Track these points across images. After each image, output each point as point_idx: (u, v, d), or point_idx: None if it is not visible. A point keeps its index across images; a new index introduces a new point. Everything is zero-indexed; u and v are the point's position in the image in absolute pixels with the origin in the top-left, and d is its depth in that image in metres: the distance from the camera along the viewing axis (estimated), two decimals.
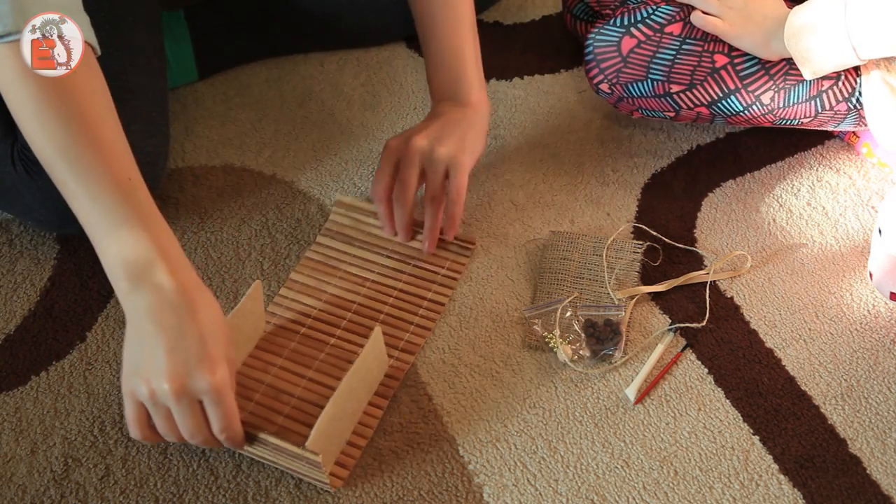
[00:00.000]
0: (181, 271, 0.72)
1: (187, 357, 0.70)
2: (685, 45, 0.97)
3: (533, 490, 0.80)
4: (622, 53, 0.98)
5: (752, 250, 0.99)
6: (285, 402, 0.84)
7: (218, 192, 1.07)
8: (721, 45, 0.96)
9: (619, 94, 1.01)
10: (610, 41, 0.99)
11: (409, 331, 0.91)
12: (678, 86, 0.98)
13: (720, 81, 0.97)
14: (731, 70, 0.96)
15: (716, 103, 0.98)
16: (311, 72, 1.23)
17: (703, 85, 0.98)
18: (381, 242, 0.98)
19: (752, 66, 0.96)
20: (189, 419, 0.71)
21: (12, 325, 0.93)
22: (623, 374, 0.88)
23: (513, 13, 1.33)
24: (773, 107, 0.97)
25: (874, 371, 0.88)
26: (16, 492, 0.80)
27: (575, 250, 0.97)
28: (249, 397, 0.85)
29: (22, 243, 1.01)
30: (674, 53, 0.97)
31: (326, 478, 0.77)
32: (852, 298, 0.94)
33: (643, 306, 0.93)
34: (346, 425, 0.81)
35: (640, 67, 0.98)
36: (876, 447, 0.82)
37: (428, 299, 0.93)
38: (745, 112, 0.98)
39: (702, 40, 0.97)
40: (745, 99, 0.97)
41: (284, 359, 0.88)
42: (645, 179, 1.07)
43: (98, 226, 0.72)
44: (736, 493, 0.79)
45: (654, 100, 1.00)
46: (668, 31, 0.98)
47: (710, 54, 0.96)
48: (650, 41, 0.98)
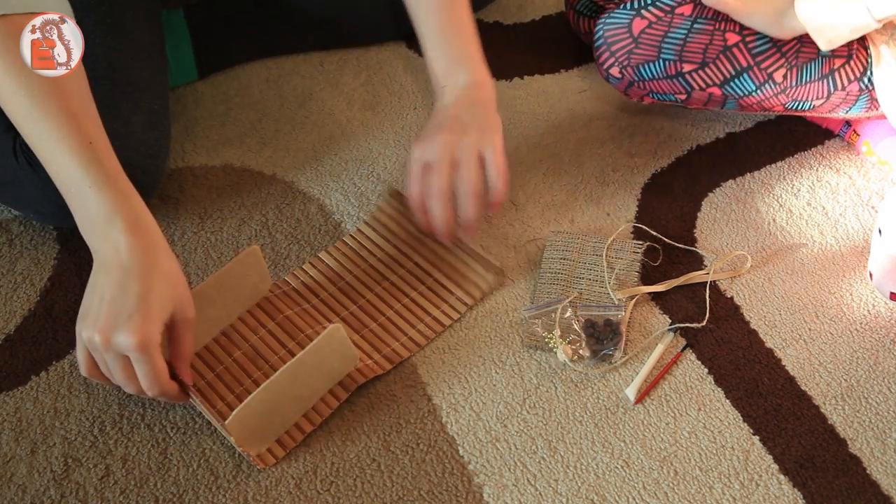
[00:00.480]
0: (138, 230, 0.76)
1: (119, 312, 0.74)
2: (696, 24, 0.97)
3: (533, 490, 0.80)
4: (633, 34, 0.98)
5: (752, 250, 0.99)
6: (259, 366, 0.87)
7: (218, 192, 1.07)
8: (733, 23, 0.96)
9: (629, 77, 1.00)
10: (621, 23, 0.99)
11: (400, 341, 0.90)
12: (690, 65, 0.98)
13: (732, 59, 0.97)
14: (742, 47, 0.96)
15: (728, 82, 0.98)
16: (311, 72, 1.23)
17: (715, 63, 0.97)
18: (416, 245, 0.98)
19: (764, 44, 0.96)
20: (118, 371, 0.76)
21: (12, 325, 0.93)
22: (623, 374, 0.88)
23: (513, 13, 1.33)
24: (785, 85, 0.97)
25: (874, 371, 0.88)
26: (16, 492, 0.80)
27: (575, 250, 0.97)
28: (230, 352, 0.88)
29: (22, 243, 1.01)
30: (685, 32, 0.97)
31: (246, 454, 0.79)
32: (852, 298, 0.94)
33: (643, 306, 0.93)
34: (291, 409, 0.82)
35: (651, 48, 0.98)
36: (876, 447, 0.82)
37: (432, 316, 0.92)
38: (757, 91, 0.98)
39: (713, 19, 0.97)
40: (757, 77, 0.97)
41: (276, 323, 0.90)
42: (645, 179, 1.07)
43: (67, 187, 0.77)
44: (736, 493, 0.79)
45: (666, 81, 1.00)
46: (679, 11, 0.97)
47: (721, 32, 0.96)
48: (661, 21, 0.98)
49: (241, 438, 0.77)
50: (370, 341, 0.90)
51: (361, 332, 0.91)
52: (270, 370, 0.86)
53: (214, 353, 0.89)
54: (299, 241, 1.01)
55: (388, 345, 0.90)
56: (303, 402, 0.83)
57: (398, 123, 1.15)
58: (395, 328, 0.91)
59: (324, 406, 0.84)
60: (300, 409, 0.83)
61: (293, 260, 0.99)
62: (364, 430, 0.84)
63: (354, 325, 0.91)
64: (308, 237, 1.01)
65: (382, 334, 0.91)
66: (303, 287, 0.95)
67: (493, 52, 1.26)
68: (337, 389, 0.85)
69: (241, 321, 0.91)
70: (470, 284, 0.94)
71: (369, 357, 0.88)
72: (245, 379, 0.86)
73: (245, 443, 0.78)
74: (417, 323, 0.92)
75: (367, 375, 0.86)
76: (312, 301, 0.94)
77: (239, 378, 0.87)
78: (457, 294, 0.94)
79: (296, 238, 1.01)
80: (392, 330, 0.91)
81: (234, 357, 0.88)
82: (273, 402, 0.79)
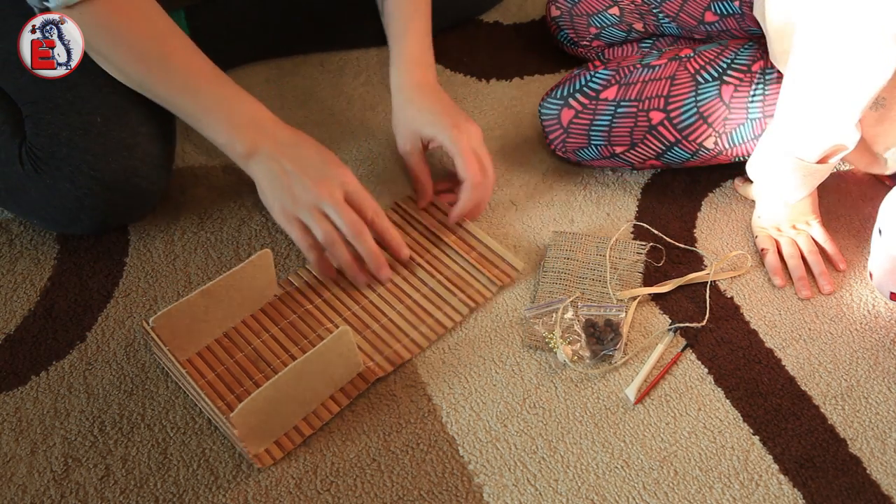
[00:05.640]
0: (277, 122, 0.91)
1: (317, 168, 0.89)
2: (620, 109, 0.99)
3: (533, 490, 0.80)
4: (563, 125, 1.02)
5: (751, 250, 0.99)
6: (261, 369, 0.87)
7: (218, 192, 1.07)
8: (656, 101, 0.97)
9: (574, 158, 1.04)
10: (552, 114, 1.02)
11: (402, 342, 0.90)
12: (620, 147, 1.00)
13: (659, 136, 0.98)
14: (668, 124, 0.97)
15: (663, 155, 1.00)
16: (312, 72, 1.23)
17: (643, 143, 0.99)
18: (420, 249, 0.98)
19: (689, 118, 0.97)
20: (345, 214, 0.88)
21: (12, 325, 0.93)
22: (623, 374, 0.88)
23: (513, 13, 1.33)
24: (719, 149, 0.98)
25: (874, 371, 0.88)
26: (16, 492, 0.80)
27: (578, 250, 0.97)
28: (232, 354, 0.89)
29: (22, 243, 1.01)
30: (609, 118, 0.99)
31: (247, 452, 0.79)
32: (852, 298, 0.94)
33: (643, 306, 0.93)
34: (293, 410, 0.82)
35: (581, 136, 1.01)
36: (876, 447, 0.82)
37: (435, 318, 0.92)
38: (694, 157, 1.00)
39: (636, 100, 0.98)
40: (688, 148, 0.98)
41: (279, 329, 0.91)
42: (645, 179, 1.07)
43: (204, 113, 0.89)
44: (736, 493, 0.79)
45: (606, 160, 1.03)
46: (603, 96, 1.00)
47: (645, 112, 0.98)
48: (587, 109, 1.00)
49: (244, 434, 0.77)
50: (372, 342, 0.90)
51: (363, 332, 0.91)
52: (272, 373, 0.86)
53: (216, 354, 0.89)
54: None
55: (389, 346, 0.90)
56: (304, 405, 0.83)
57: None
58: (397, 329, 0.91)
59: (324, 410, 0.84)
60: (301, 411, 0.84)
61: (293, 260, 0.99)
62: (364, 430, 0.84)
63: (357, 326, 0.91)
64: None
65: (385, 335, 0.91)
66: (306, 287, 0.95)
67: (494, 52, 1.26)
68: (338, 395, 0.85)
69: (244, 324, 0.92)
70: (472, 290, 0.94)
71: (370, 358, 0.88)
72: (246, 380, 0.86)
73: (247, 439, 0.78)
74: (420, 325, 0.92)
75: (369, 380, 0.86)
76: (315, 301, 0.94)
77: (240, 379, 0.87)
78: (461, 296, 0.94)
79: None
80: (394, 331, 0.91)
81: (235, 359, 0.89)
82: (277, 401, 0.79)
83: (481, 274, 0.95)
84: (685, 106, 0.97)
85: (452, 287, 0.94)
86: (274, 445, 0.82)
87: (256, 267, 0.89)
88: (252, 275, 0.89)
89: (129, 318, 0.93)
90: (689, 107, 0.96)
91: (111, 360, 0.90)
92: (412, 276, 0.96)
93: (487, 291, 0.94)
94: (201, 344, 0.89)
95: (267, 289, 0.93)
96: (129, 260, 0.99)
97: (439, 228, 1.00)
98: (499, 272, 0.96)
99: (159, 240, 1.01)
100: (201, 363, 0.88)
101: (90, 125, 0.91)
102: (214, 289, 0.86)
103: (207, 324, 0.88)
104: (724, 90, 0.96)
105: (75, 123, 0.91)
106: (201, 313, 0.87)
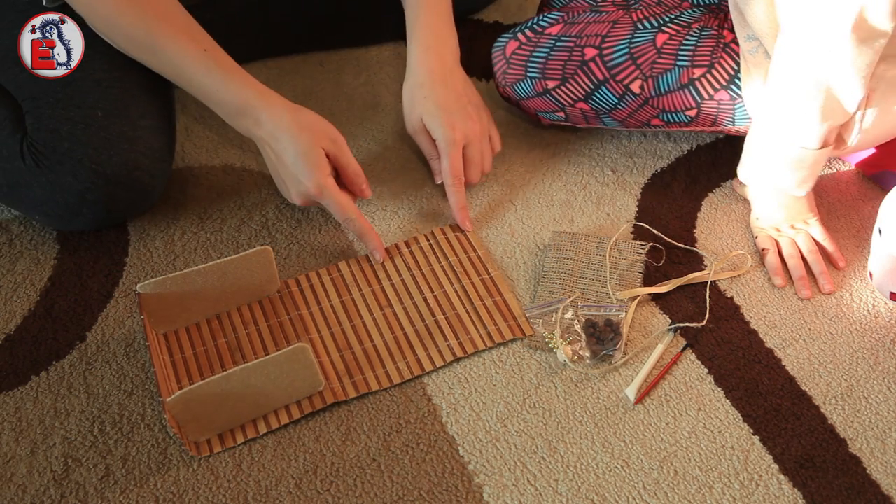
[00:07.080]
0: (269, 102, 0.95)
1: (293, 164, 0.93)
2: (559, 43, 1.02)
3: (533, 490, 0.80)
4: (506, 56, 1.05)
5: (751, 250, 0.99)
6: (236, 359, 0.89)
7: (218, 192, 1.07)
8: (594, 39, 1.00)
9: (512, 96, 1.07)
10: (499, 46, 1.07)
11: (375, 372, 0.88)
12: (553, 81, 1.02)
13: (589, 73, 1.00)
14: (598, 61, 1.00)
15: (591, 96, 1.02)
16: (312, 72, 1.23)
17: (574, 78, 1.01)
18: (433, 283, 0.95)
19: (619, 57, 0.99)
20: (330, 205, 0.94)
21: (12, 325, 0.93)
22: (623, 374, 0.88)
23: (513, 13, 1.33)
24: (645, 96, 1.00)
25: (874, 371, 0.88)
26: (16, 492, 0.80)
27: (578, 250, 0.97)
28: (216, 337, 0.90)
29: (22, 243, 1.01)
30: (548, 51, 1.03)
31: (182, 439, 0.80)
32: (852, 298, 0.94)
33: (643, 306, 0.93)
34: (241, 409, 0.82)
35: (519, 67, 1.04)
36: (876, 447, 0.82)
37: (416, 356, 0.89)
38: (621, 104, 1.01)
39: (575, 37, 1.02)
40: (615, 89, 1.00)
41: (267, 325, 0.92)
42: (645, 179, 1.07)
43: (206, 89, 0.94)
44: (736, 493, 0.79)
45: (539, 99, 1.05)
46: (547, 32, 1.04)
47: (580, 48, 1.01)
48: (529, 42, 1.04)
49: (178, 419, 0.79)
50: (347, 363, 0.88)
51: (343, 352, 0.89)
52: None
53: (202, 333, 0.90)
54: (299, 242, 1.01)
55: (362, 372, 0.87)
56: (256, 407, 0.83)
57: (399, 123, 1.15)
58: (376, 358, 0.89)
59: (275, 418, 0.84)
60: (251, 412, 0.83)
61: (293, 260, 0.99)
62: (364, 430, 0.84)
63: (340, 344, 0.90)
64: (308, 237, 1.01)
65: (362, 360, 0.88)
66: (309, 291, 0.95)
67: None
68: (293, 407, 0.85)
69: (237, 311, 0.92)
70: (466, 338, 0.90)
71: (339, 380, 0.87)
72: (218, 367, 0.88)
73: (183, 425, 0.79)
74: (399, 360, 0.89)
75: (328, 400, 0.85)
76: (311, 308, 0.93)
77: (213, 364, 0.88)
78: (450, 342, 0.90)
79: (296, 238, 1.01)
80: (373, 359, 0.89)
81: (216, 343, 0.90)
82: (220, 397, 0.79)
83: (483, 325, 0.91)
84: (618, 46, 1.00)
85: (447, 330, 0.91)
86: (216, 438, 0.82)
87: (254, 261, 0.90)
88: (249, 267, 0.90)
89: (129, 318, 0.93)
90: (622, 47, 0.99)
91: (111, 360, 0.90)
92: (413, 308, 0.93)
93: (481, 343, 0.89)
94: (190, 320, 0.91)
95: (267, 284, 0.93)
96: (129, 260, 0.99)
97: (465, 269, 0.97)
98: (504, 328, 0.91)
99: (159, 239, 1.01)
100: (184, 338, 0.90)
101: (91, 119, 0.91)
102: (208, 270, 0.88)
103: (198, 302, 0.90)
104: (658, 37, 0.99)
105: (76, 118, 0.91)
106: (193, 290, 0.88)
